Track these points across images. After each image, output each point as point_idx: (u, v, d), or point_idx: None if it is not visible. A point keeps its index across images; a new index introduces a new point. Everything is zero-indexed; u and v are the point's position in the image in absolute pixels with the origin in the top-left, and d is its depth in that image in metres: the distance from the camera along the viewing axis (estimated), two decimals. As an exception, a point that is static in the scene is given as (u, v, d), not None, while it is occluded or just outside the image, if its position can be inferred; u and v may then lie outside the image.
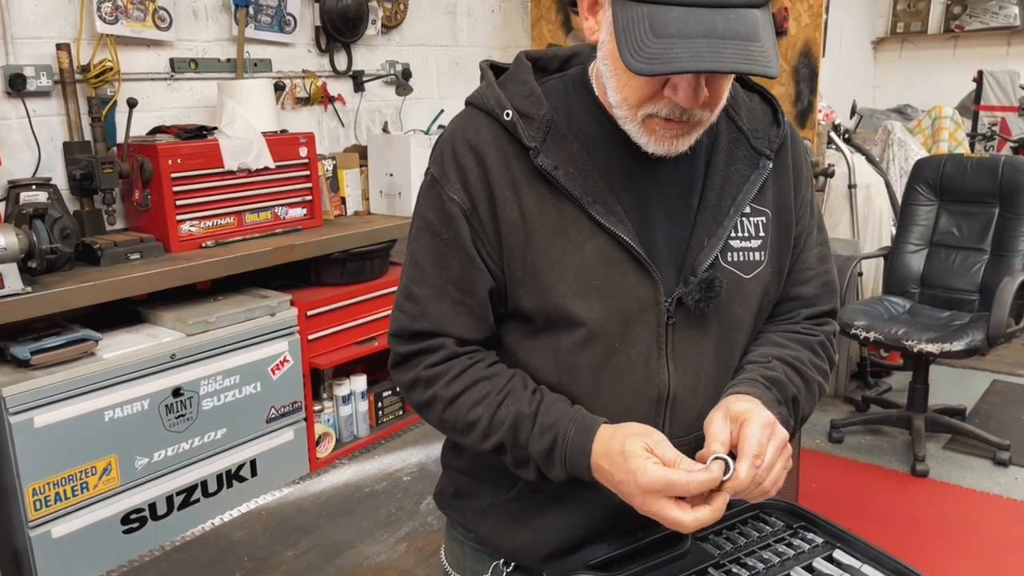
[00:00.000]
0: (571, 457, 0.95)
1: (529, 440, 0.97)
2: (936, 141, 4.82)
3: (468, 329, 1.04)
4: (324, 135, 3.38)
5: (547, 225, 0.97)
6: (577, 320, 0.98)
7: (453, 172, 1.00)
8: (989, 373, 3.82)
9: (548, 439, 0.96)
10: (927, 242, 3.31)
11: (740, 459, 0.88)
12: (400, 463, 2.06)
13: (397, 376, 1.09)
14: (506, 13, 4.14)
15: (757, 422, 0.90)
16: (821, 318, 1.14)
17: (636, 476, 0.88)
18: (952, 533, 2.59)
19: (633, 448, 0.90)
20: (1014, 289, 2.81)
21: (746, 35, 0.80)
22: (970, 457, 3.06)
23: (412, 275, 1.05)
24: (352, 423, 3.11)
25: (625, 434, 0.92)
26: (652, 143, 0.93)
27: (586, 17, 0.95)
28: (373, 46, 3.52)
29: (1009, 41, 6.88)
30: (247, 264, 2.64)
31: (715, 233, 0.99)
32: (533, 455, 0.97)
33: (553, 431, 0.96)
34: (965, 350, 2.80)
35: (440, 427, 1.07)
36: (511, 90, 1.01)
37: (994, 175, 3.14)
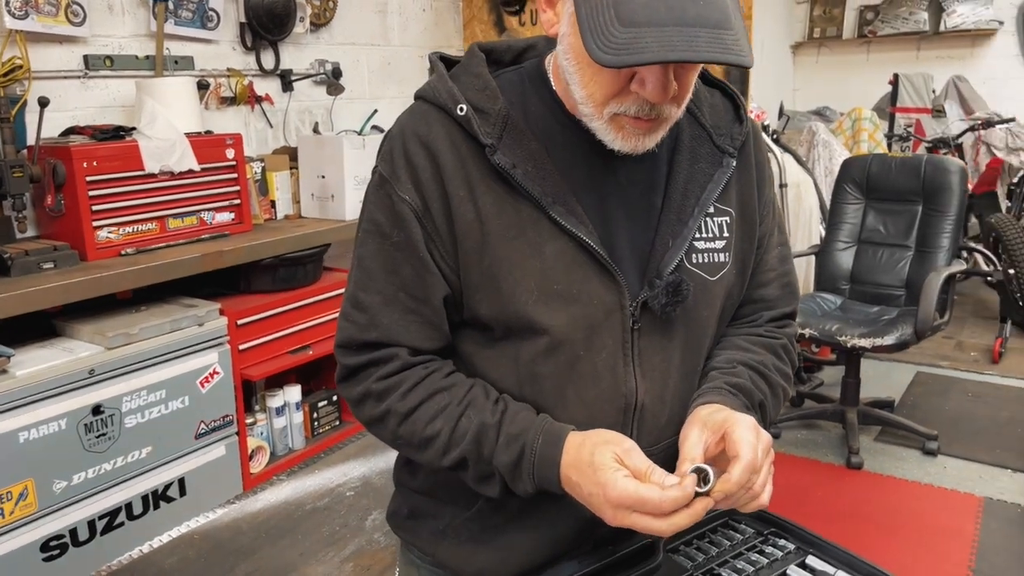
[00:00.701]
0: (539, 469, 0.90)
1: (494, 452, 0.91)
2: (856, 142, 4.97)
3: (422, 338, 0.97)
4: (252, 136, 3.25)
5: (505, 227, 0.92)
6: (539, 328, 0.93)
7: (404, 170, 0.94)
8: (913, 365, 3.95)
9: (515, 450, 0.91)
10: (855, 240, 3.39)
11: (735, 463, 0.84)
12: (342, 477, 1.98)
13: (345, 390, 1.02)
14: (437, 12, 4.07)
15: (743, 426, 0.87)
16: (782, 320, 1.12)
17: (606, 489, 0.84)
18: (888, 523, 2.65)
19: (602, 459, 0.85)
20: (939, 284, 2.90)
21: (717, 22, 0.76)
22: (901, 448, 3.15)
23: (360, 281, 0.98)
24: (287, 435, 3.00)
25: (594, 443, 0.88)
26: (619, 140, 0.89)
27: (544, 9, 0.90)
28: (302, 44, 3.40)
29: (919, 46, 7.17)
30: (171, 272, 2.51)
31: (679, 234, 0.96)
32: (499, 468, 0.91)
33: (520, 442, 0.91)
34: (895, 344, 2.88)
35: (394, 444, 1.01)
36: (464, 83, 0.95)
37: (917, 174, 3.24)
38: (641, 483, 0.83)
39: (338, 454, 2.10)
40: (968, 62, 7.01)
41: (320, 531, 1.71)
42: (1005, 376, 3.83)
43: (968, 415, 3.43)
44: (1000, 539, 2.54)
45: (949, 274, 2.98)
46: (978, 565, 2.41)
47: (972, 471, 2.97)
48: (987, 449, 3.12)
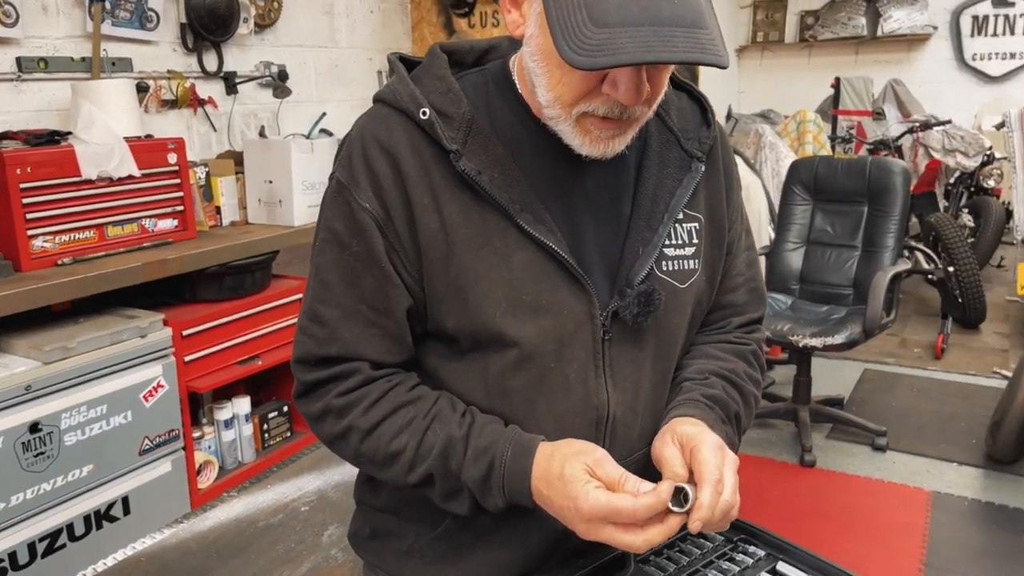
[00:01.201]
0: (510, 483, 0.87)
1: (463, 467, 0.88)
2: (802, 143, 5.07)
3: (384, 352, 0.93)
4: (195, 140, 3.15)
5: (471, 236, 0.89)
6: (508, 340, 0.89)
7: (364, 177, 0.90)
8: (860, 363, 4.03)
9: (484, 464, 0.87)
10: (804, 240, 3.45)
11: (702, 487, 0.82)
12: (296, 492, 1.91)
13: (303, 407, 0.98)
14: (386, 14, 4.02)
15: (708, 446, 0.85)
16: (751, 325, 1.11)
17: (577, 503, 0.81)
18: (843, 520, 2.69)
19: (573, 471, 0.83)
20: (886, 283, 2.96)
21: (692, 22, 0.74)
22: (851, 444, 3.20)
23: (318, 294, 0.94)
24: (236, 448, 2.91)
25: (564, 454, 0.85)
26: (586, 144, 0.86)
27: (508, 10, 0.87)
28: (246, 46, 3.31)
29: (857, 50, 7.36)
30: (112, 282, 2.41)
31: (650, 241, 0.94)
32: (468, 483, 0.88)
33: (489, 455, 0.88)
34: (846, 343, 2.92)
35: (356, 461, 0.97)
36: (426, 86, 0.91)
37: (863, 175, 3.30)
38: (613, 494, 0.81)
39: (291, 467, 2.02)
40: (905, 66, 7.22)
41: (274, 549, 1.65)
42: (948, 371, 3.93)
43: (914, 410, 3.51)
44: (949, 532, 2.59)
45: (895, 273, 3.04)
46: (930, 559, 2.46)
47: (920, 465, 3.03)
48: (933, 444, 3.19)
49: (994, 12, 6.92)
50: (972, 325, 4.45)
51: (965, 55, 7.05)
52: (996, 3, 6.90)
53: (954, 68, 7.14)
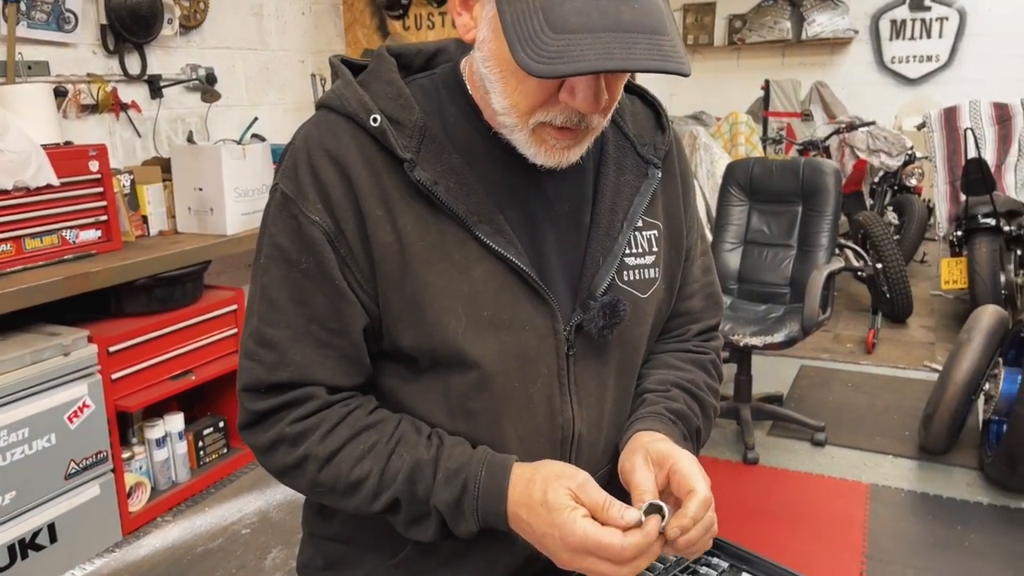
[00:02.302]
0: (484, 505, 0.82)
1: (432, 491, 0.83)
2: (734, 145, 5.15)
3: (340, 375, 0.88)
4: (118, 146, 3.02)
5: (428, 248, 0.84)
6: (470, 360, 0.85)
7: (311, 188, 0.84)
8: (797, 359, 4.11)
9: (456, 486, 0.83)
10: (741, 240, 3.49)
11: (691, 497, 0.80)
12: (236, 514, 1.83)
13: (251, 437, 0.91)
14: (317, 16, 3.92)
15: (687, 459, 0.83)
16: (709, 333, 1.09)
17: (563, 532, 0.77)
18: (787, 516, 2.73)
19: (557, 497, 0.79)
20: (822, 282, 3.02)
21: (654, 28, 0.71)
22: (792, 440, 3.25)
23: (265, 315, 0.87)
24: (169, 468, 2.79)
25: (545, 478, 0.81)
26: (541, 154, 0.83)
27: (458, 12, 0.82)
28: (171, 48, 3.19)
29: (783, 53, 7.54)
30: (31, 298, 2.28)
31: (610, 251, 0.91)
32: (439, 507, 0.83)
33: (461, 477, 0.83)
34: (785, 341, 2.97)
35: (312, 491, 0.90)
36: (375, 91, 0.87)
37: (796, 176, 3.37)
38: (601, 527, 0.77)
39: (230, 487, 1.94)
40: (828, 68, 7.43)
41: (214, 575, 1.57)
42: (879, 365, 4.04)
43: (849, 405, 3.59)
44: (888, 523, 2.66)
45: (831, 271, 3.10)
46: (871, 551, 2.51)
47: (857, 459, 3.10)
48: (869, 437, 3.27)
49: (911, 16, 7.19)
50: (900, 320, 4.60)
51: (885, 58, 7.30)
52: (913, 8, 7.16)
53: (875, 71, 7.39)
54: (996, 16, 6.90)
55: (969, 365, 2.91)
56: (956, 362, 2.94)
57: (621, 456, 0.90)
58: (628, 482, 0.85)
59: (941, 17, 7.10)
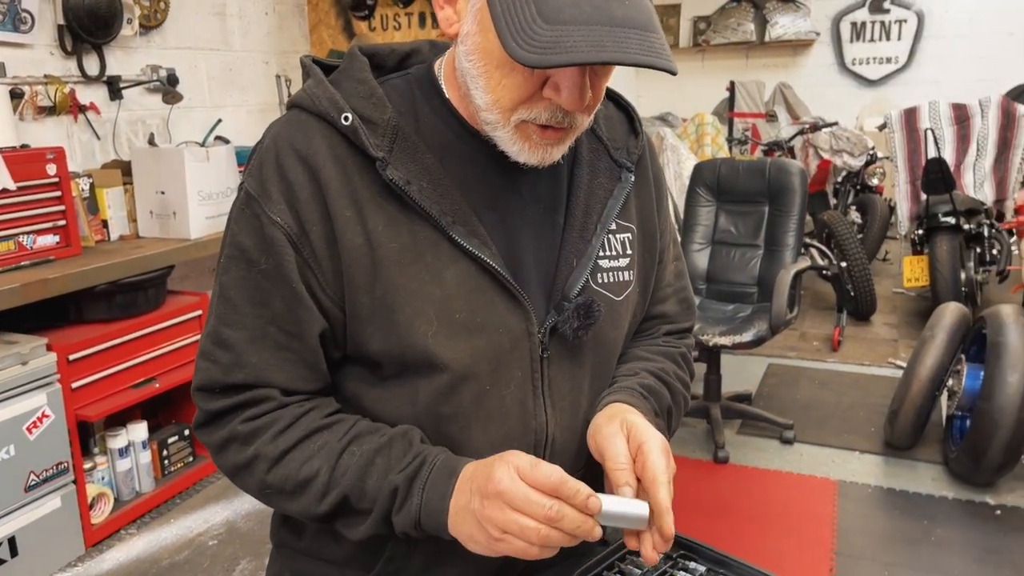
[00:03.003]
0: (434, 478, 0.80)
1: (386, 477, 0.80)
2: (701, 145, 5.19)
3: (296, 379, 0.86)
4: (76, 149, 2.94)
5: (399, 251, 0.83)
6: (440, 363, 0.84)
7: (276, 188, 0.82)
8: (764, 357, 4.15)
9: (414, 465, 0.81)
10: (709, 240, 3.52)
11: (655, 485, 0.80)
12: (202, 525, 1.79)
13: (205, 436, 0.89)
14: (281, 16, 3.87)
15: (657, 449, 0.82)
16: (680, 333, 1.09)
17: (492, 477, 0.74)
18: (757, 514, 2.75)
19: (503, 457, 0.78)
20: (789, 281, 3.05)
21: (644, 24, 0.71)
22: (761, 439, 3.28)
23: (223, 315, 0.86)
24: (133, 478, 2.72)
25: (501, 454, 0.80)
26: (524, 151, 0.82)
27: (440, 6, 0.81)
28: (130, 48, 3.12)
29: (747, 55, 7.63)
30: (-13, 306, 2.21)
31: (584, 253, 0.90)
32: (397, 484, 0.80)
33: (420, 457, 0.82)
34: (753, 340, 2.99)
35: (261, 494, 0.88)
36: (347, 90, 0.85)
37: (763, 176, 3.40)
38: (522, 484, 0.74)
39: (196, 498, 1.90)
40: (791, 70, 7.53)
41: (181, 589, 1.53)
42: (845, 363, 4.10)
43: (816, 402, 3.63)
44: (856, 519, 2.69)
45: (797, 271, 3.13)
46: (840, 547, 2.53)
47: (825, 456, 3.13)
48: (836, 434, 3.31)
49: (871, 19, 7.32)
50: (864, 317, 4.67)
51: (845, 60, 7.42)
52: (872, 10, 7.29)
53: (836, 72, 7.51)
54: (953, 19, 7.05)
55: (933, 361, 2.95)
56: (920, 359, 2.98)
57: (594, 421, 0.89)
58: (601, 448, 0.84)
59: (900, 19, 7.23)
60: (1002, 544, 2.51)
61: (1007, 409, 2.62)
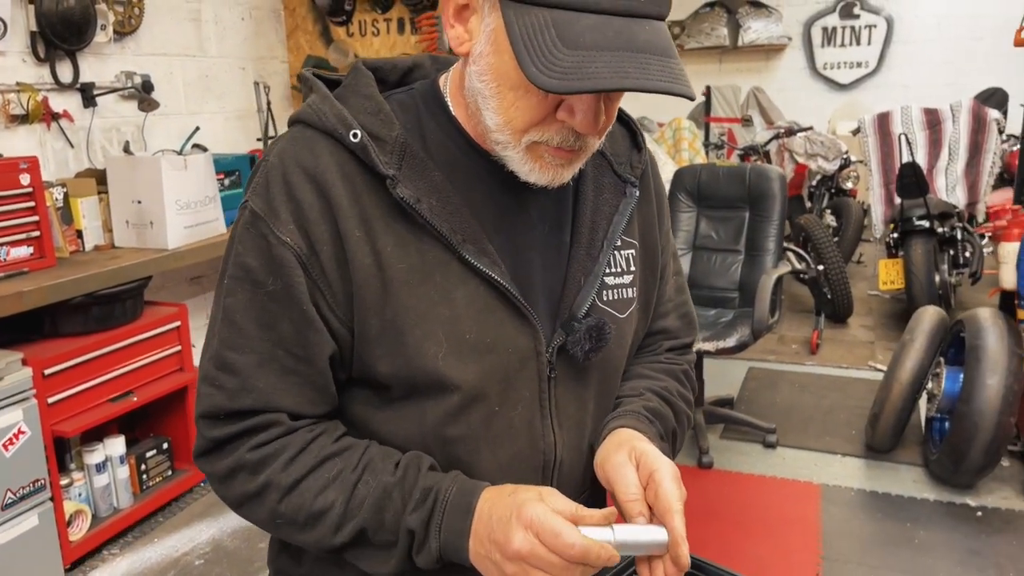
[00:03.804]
0: (449, 518, 0.79)
1: (403, 514, 0.80)
2: (678, 151, 5.21)
3: (305, 403, 0.84)
4: (49, 158, 2.88)
5: (409, 271, 0.81)
6: (450, 385, 0.82)
7: (285, 207, 0.80)
8: (745, 361, 4.18)
9: (428, 506, 0.80)
10: (690, 246, 3.53)
11: (670, 514, 0.79)
12: (187, 544, 1.76)
13: (208, 465, 0.86)
14: (258, 22, 3.82)
15: (669, 476, 0.81)
16: (682, 349, 1.08)
17: (520, 510, 0.74)
18: (743, 519, 2.76)
19: (526, 491, 0.77)
20: (771, 286, 3.06)
21: (664, 50, 0.70)
22: (744, 443, 3.30)
23: (227, 339, 0.83)
24: (110, 494, 2.67)
25: (516, 485, 0.80)
26: (535, 171, 0.80)
27: (451, 24, 0.79)
28: (104, 55, 3.06)
29: (721, 59, 7.70)
30: (-40, 320, 2.15)
31: (591, 271, 0.89)
32: (411, 526, 0.79)
33: (432, 493, 0.80)
34: (736, 345, 3.00)
35: (271, 524, 0.86)
36: (354, 106, 0.83)
37: (743, 182, 3.42)
38: (560, 517, 0.74)
39: (180, 516, 1.86)
40: (764, 74, 7.61)
41: (168, 611, 1.50)
42: (824, 365, 4.14)
43: (797, 405, 3.66)
44: (841, 523, 2.71)
45: (779, 275, 3.16)
46: (826, 551, 2.55)
47: (808, 460, 3.16)
48: (817, 437, 3.34)
49: (841, 24, 7.42)
50: (841, 320, 4.71)
51: (817, 64, 7.52)
52: (843, 15, 7.39)
53: (808, 76, 7.60)
54: (921, 24, 7.17)
55: (913, 365, 2.99)
56: (900, 362, 3.02)
57: (602, 449, 0.88)
58: (611, 478, 0.83)
59: (870, 25, 7.34)
60: (984, 545, 2.54)
61: (987, 411, 2.65)
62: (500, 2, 0.73)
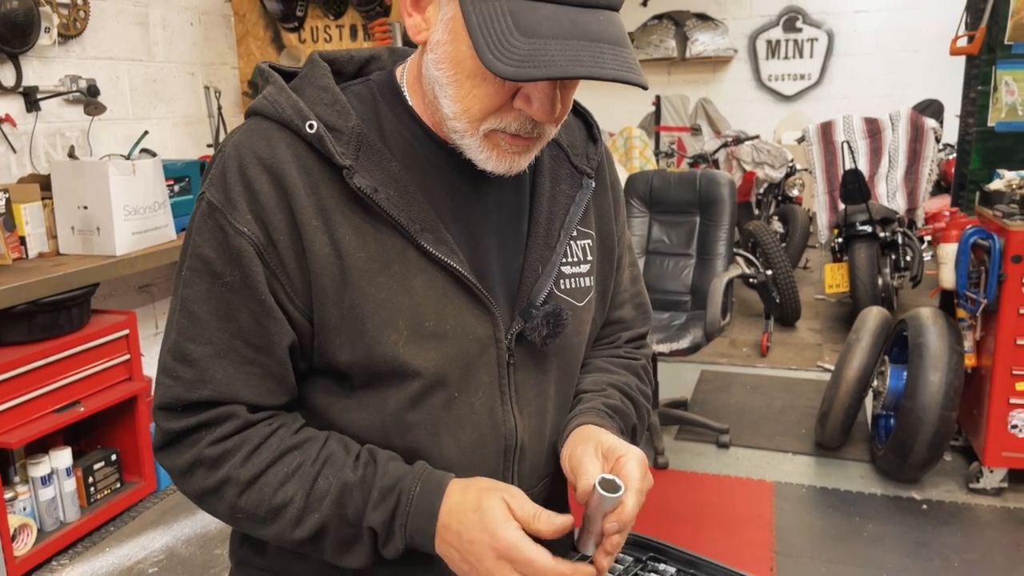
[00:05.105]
0: (414, 521, 0.80)
1: (364, 511, 0.80)
2: (629, 159, 5.29)
3: (264, 393, 0.84)
4: (-10, 163, 2.80)
5: (367, 260, 0.81)
6: (411, 372, 0.83)
7: (241, 198, 0.80)
8: (698, 364, 4.24)
9: (390, 503, 0.80)
10: (644, 250, 3.58)
11: (628, 492, 0.80)
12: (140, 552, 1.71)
13: (167, 459, 0.85)
14: (207, 27, 3.77)
15: (635, 459, 0.83)
16: (639, 340, 1.11)
17: (495, 537, 0.76)
18: (698, 518, 2.80)
19: (492, 504, 0.78)
20: (722, 288, 3.13)
21: (617, 39, 0.72)
22: (698, 444, 3.35)
23: (185, 329, 0.82)
24: (56, 507, 2.59)
25: (480, 488, 0.80)
26: (492, 160, 0.81)
27: (409, 13, 0.80)
28: (48, 58, 2.99)
29: (670, 70, 7.84)
30: None
31: (548, 260, 0.91)
32: (374, 526, 0.80)
33: (395, 492, 0.80)
34: (690, 347, 3.05)
35: (230, 518, 0.85)
36: (310, 97, 0.83)
37: (693, 187, 3.48)
38: (533, 543, 0.77)
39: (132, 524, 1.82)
40: (712, 86, 7.77)
41: (121, 621, 1.46)
42: (774, 367, 4.23)
43: (749, 406, 3.73)
44: (793, 519, 2.77)
45: (730, 278, 3.22)
46: (779, 546, 2.60)
47: (760, 458, 3.22)
48: (769, 436, 3.41)
49: (785, 37, 7.62)
50: (790, 323, 4.83)
51: (762, 76, 7.71)
52: (786, 29, 7.59)
53: (753, 88, 7.79)
54: (860, 38, 7.41)
55: (859, 364, 3.07)
56: (847, 361, 3.10)
57: (567, 445, 0.89)
58: (575, 470, 0.85)
59: (812, 38, 7.56)
60: (930, 537, 2.62)
61: (930, 407, 2.74)
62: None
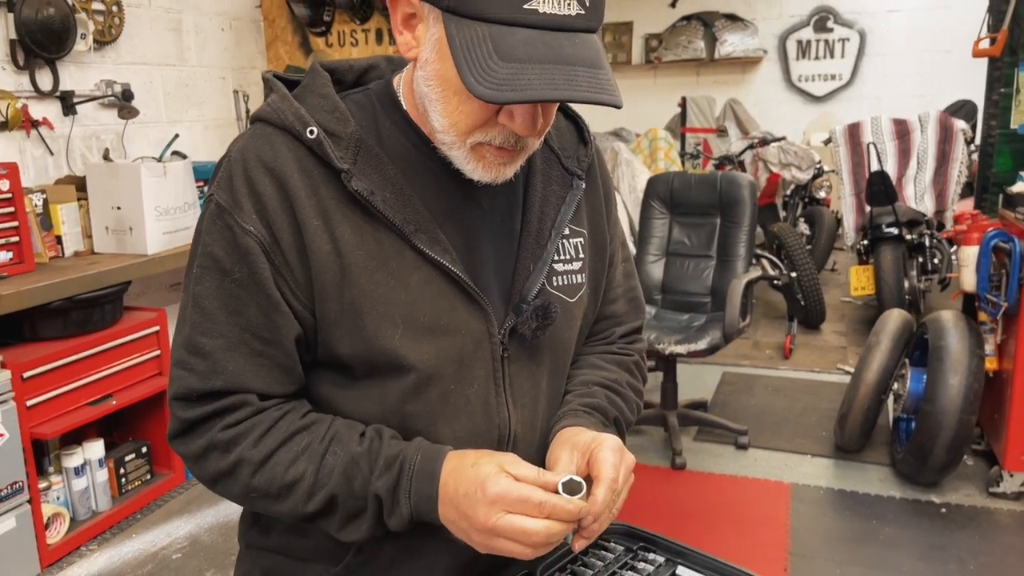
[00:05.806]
0: (418, 486, 0.84)
1: (370, 480, 0.85)
2: (654, 160, 5.30)
3: (273, 383, 0.89)
4: (29, 165, 2.91)
5: (366, 257, 0.86)
6: (406, 364, 0.88)
7: (247, 199, 0.85)
8: (719, 366, 4.25)
9: (394, 472, 0.85)
10: (664, 252, 3.60)
11: (598, 483, 0.84)
12: (165, 539, 1.79)
13: (182, 446, 0.91)
14: (238, 32, 3.87)
15: (608, 446, 0.87)
16: (632, 335, 1.14)
17: (484, 485, 0.80)
18: (714, 518, 2.81)
19: (485, 461, 0.83)
20: (741, 290, 3.13)
21: (592, 61, 0.76)
22: (716, 445, 3.36)
23: (198, 324, 0.88)
24: (89, 497, 2.69)
25: (478, 454, 0.85)
26: (479, 170, 0.86)
27: (400, 31, 0.85)
28: (84, 63, 3.10)
29: (698, 72, 7.82)
30: (-61, 323, 2.17)
31: (539, 257, 0.95)
32: (379, 493, 0.85)
33: (398, 461, 0.85)
34: (708, 348, 3.07)
35: (245, 498, 0.91)
36: (310, 104, 0.88)
37: (714, 189, 3.49)
38: (522, 485, 0.80)
39: (158, 512, 1.89)
40: (741, 87, 7.73)
41: (144, 603, 1.53)
42: (796, 370, 4.21)
43: (770, 408, 3.73)
44: (809, 520, 2.77)
45: (749, 280, 3.23)
46: (794, 547, 2.61)
47: (779, 460, 3.22)
48: (788, 438, 3.41)
49: (815, 37, 7.56)
50: (814, 325, 4.80)
51: (792, 77, 7.65)
52: (817, 29, 7.53)
53: (783, 89, 7.73)
54: (893, 37, 7.32)
55: (878, 366, 3.06)
56: (867, 364, 3.09)
57: (548, 451, 0.94)
58: (552, 469, 0.89)
59: (843, 38, 7.49)
60: (947, 541, 2.61)
61: (949, 410, 2.73)
62: (443, 15, 0.78)
